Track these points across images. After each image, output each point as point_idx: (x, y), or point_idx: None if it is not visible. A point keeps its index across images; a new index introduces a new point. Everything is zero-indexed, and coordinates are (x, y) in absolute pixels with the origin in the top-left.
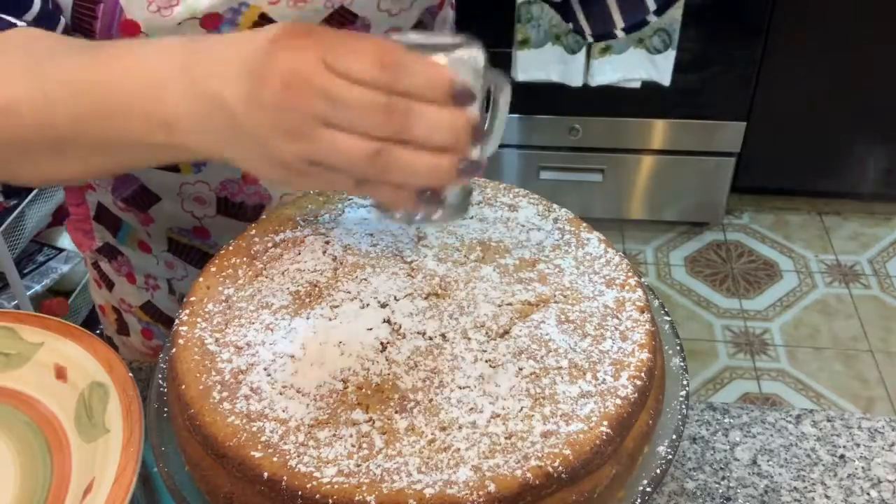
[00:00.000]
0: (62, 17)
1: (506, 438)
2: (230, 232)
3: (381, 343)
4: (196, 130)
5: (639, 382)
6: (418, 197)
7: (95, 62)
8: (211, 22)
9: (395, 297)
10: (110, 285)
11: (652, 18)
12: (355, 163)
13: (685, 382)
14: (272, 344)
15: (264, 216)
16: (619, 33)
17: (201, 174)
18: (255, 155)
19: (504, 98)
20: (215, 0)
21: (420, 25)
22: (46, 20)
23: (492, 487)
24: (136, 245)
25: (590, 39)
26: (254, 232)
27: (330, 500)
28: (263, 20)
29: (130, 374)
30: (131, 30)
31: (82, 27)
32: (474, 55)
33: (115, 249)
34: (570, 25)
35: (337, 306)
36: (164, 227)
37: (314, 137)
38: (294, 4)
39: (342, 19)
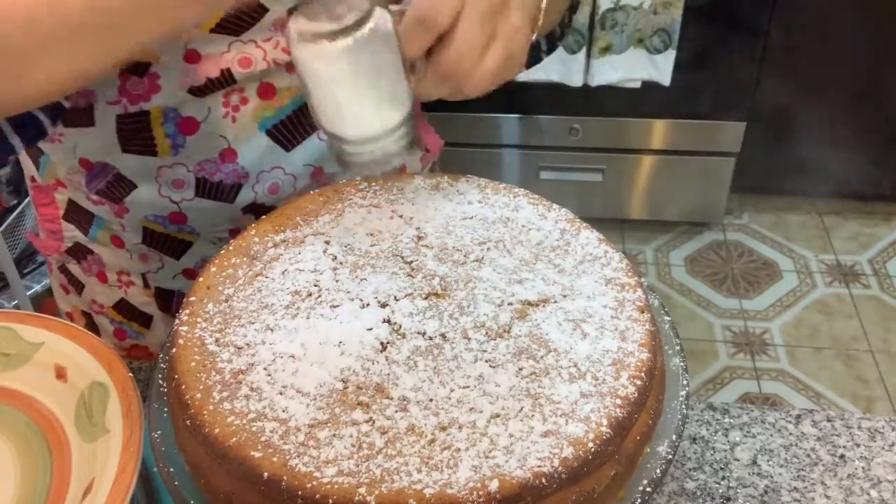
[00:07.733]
0: None
1: (506, 438)
2: (207, 215)
3: (381, 343)
4: None
5: (639, 382)
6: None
7: None
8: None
9: (395, 297)
10: (80, 288)
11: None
12: None
13: (685, 382)
14: (272, 344)
15: (264, 216)
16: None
17: (179, 155)
18: None
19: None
20: None
21: None
22: None
23: (492, 487)
24: (108, 240)
25: None
26: (254, 232)
27: (330, 500)
28: None
29: (130, 374)
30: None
31: None
32: (380, 23)
33: (84, 249)
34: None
35: (337, 306)
36: (139, 216)
37: None
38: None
39: None
